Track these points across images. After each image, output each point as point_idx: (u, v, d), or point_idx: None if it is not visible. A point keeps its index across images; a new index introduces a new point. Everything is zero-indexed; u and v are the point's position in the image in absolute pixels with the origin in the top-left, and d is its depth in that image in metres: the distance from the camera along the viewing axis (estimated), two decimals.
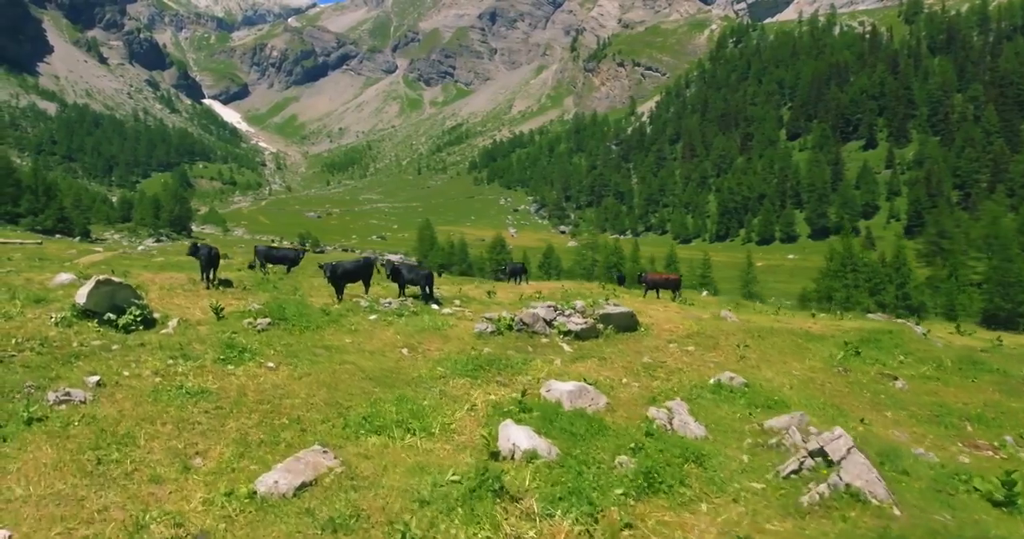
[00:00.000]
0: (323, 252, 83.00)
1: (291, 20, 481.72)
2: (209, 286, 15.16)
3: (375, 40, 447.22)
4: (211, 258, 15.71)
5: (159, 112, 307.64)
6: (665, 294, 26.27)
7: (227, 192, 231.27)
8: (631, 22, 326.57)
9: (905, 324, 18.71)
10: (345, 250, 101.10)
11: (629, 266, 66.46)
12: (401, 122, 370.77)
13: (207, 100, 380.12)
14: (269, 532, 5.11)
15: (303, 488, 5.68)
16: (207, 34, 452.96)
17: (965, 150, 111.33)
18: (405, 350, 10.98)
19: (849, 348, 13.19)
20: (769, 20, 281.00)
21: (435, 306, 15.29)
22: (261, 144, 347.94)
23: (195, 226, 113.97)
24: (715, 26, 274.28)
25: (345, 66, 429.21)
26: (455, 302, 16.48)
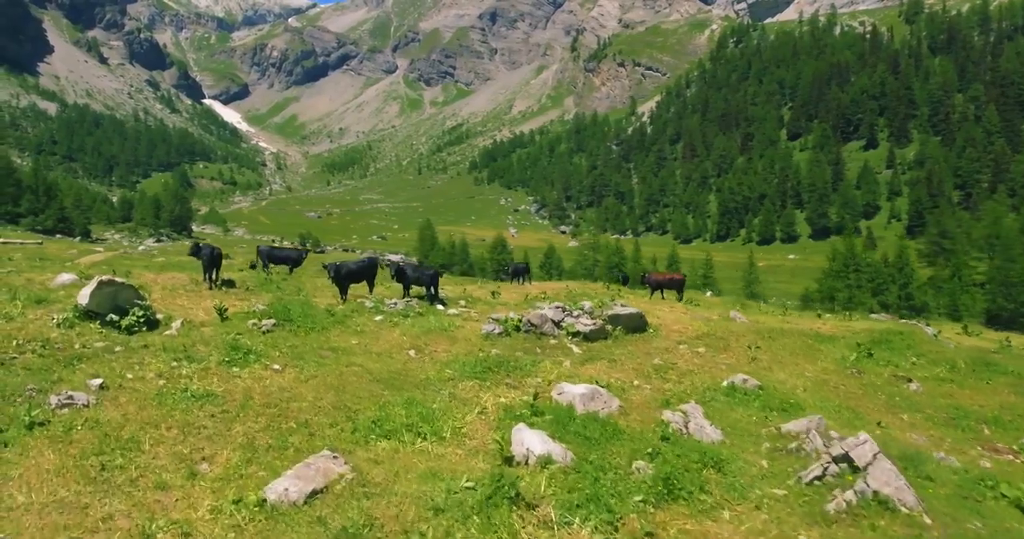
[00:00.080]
0: (323, 252, 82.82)
1: (291, 20, 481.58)
2: (212, 287, 15.00)
3: (375, 40, 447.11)
4: (213, 258, 15.53)
5: (159, 112, 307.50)
6: (669, 294, 26.11)
7: (227, 192, 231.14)
8: (631, 22, 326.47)
9: (915, 325, 18.55)
10: (346, 250, 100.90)
11: (631, 266, 66.32)
12: (401, 122, 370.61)
13: (207, 100, 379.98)
14: None
15: (314, 496, 5.51)
16: (207, 34, 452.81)
17: (966, 150, 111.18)
18: (412, 352, 10.81)
19: (861, 349, 13.03)
20: (769, 20, 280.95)
21: (440, 307, 15.12)
22: (261, 144, 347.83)
23: (195, 226, 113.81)
24: (715, 26, 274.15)
25: (345, 66, 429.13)
26: (460, 303, 16.32)
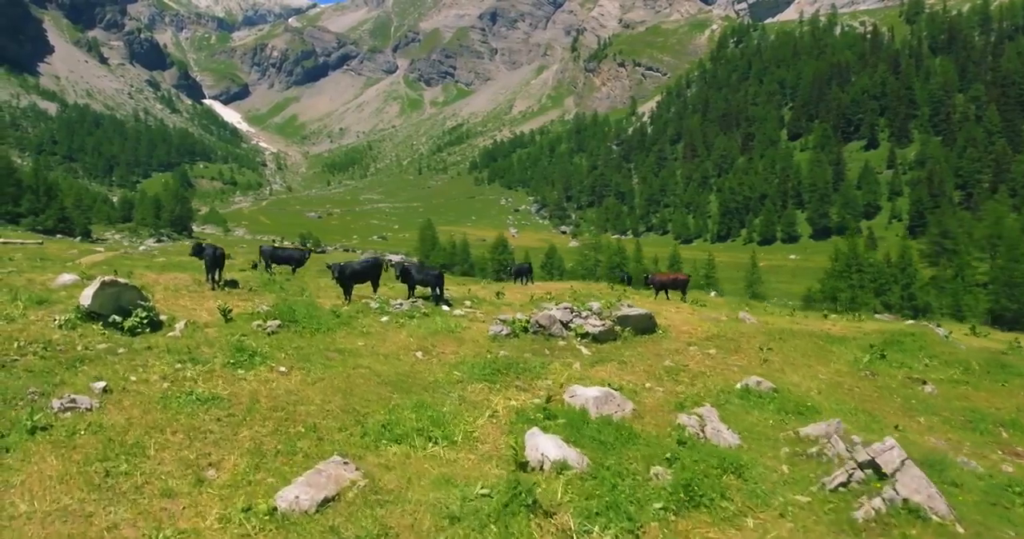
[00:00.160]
0: (324, 252, 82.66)
1: (291, 20, 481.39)
2: (215, 287, 14.84)
3: (375, 40, 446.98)
4: (216, 258, 15.37)
5: (160, 112, 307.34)
6: (673, 295, 25.90)
7: (228, 192, 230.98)
8: (632, 22, 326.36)
9: (927, 326, 18.39)
10: (346, 250, 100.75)
11: (632, 266, 66.12)
12: (402, 122, 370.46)
13: (208, 100, 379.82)
14: None
15: (326, 504, 5.34)
16: (207, 34, 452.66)
17: (967, 150, 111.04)
18: (420, 353, 10.65)
19: (874, 351, 12.86)
20: (770, 20, 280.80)
21: (446, 307, 14.96)
22: (261, 144, 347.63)
23: (196, 226, 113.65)
24: (716, 26, 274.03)
25: (345, 66, 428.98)
26: (465, 303, 16.15)
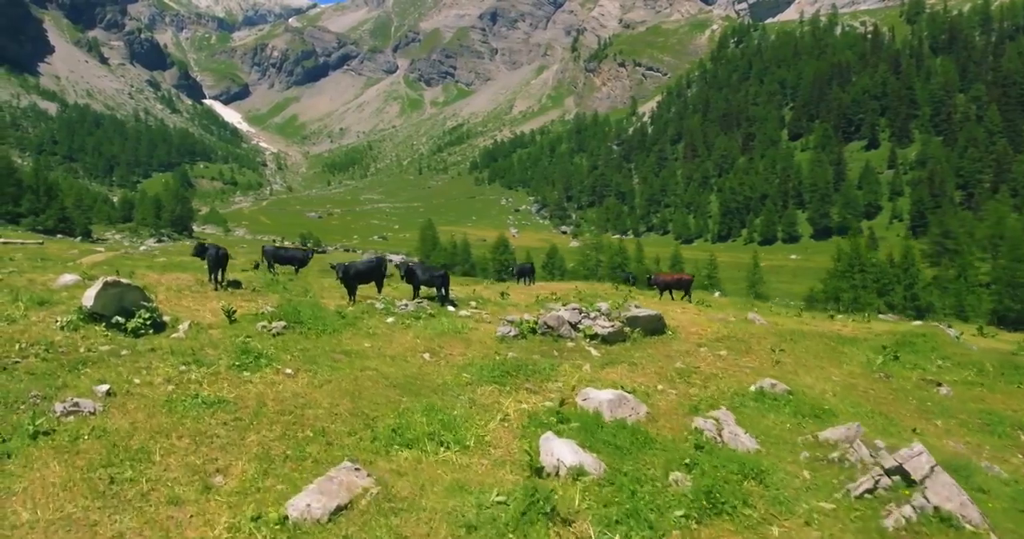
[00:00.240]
0: (324, 252, 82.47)
1: (292, 20, 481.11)
2: (217, 287, 14.68)
3: (376, 40, 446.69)
4: (219, 259, 15.21)
5: (160, 112, 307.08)
6: (676, 295, 25.70)
7: (228, 192, 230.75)
8: (632, 22, 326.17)
9: (938, 327, 18.23)
10: (347, 250, 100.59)
11: (634, 266, 65.92)
12: (402, 122, 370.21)
13: (208, 100, 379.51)
14: None
15: (338, 512, 5.17)
16: (208, 34, 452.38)
17: (968, 150, 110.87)
18: (427, 355, 10.49)
19: (887, 352, 12.69)
20: (770, 20, 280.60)
21: (451, 308, 14.80)
22: (262, 144, 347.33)
23: (196, 226, 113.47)
24: (716, 26, 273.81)
25: (346, 66, 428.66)
26: (471, 304, 15.98)
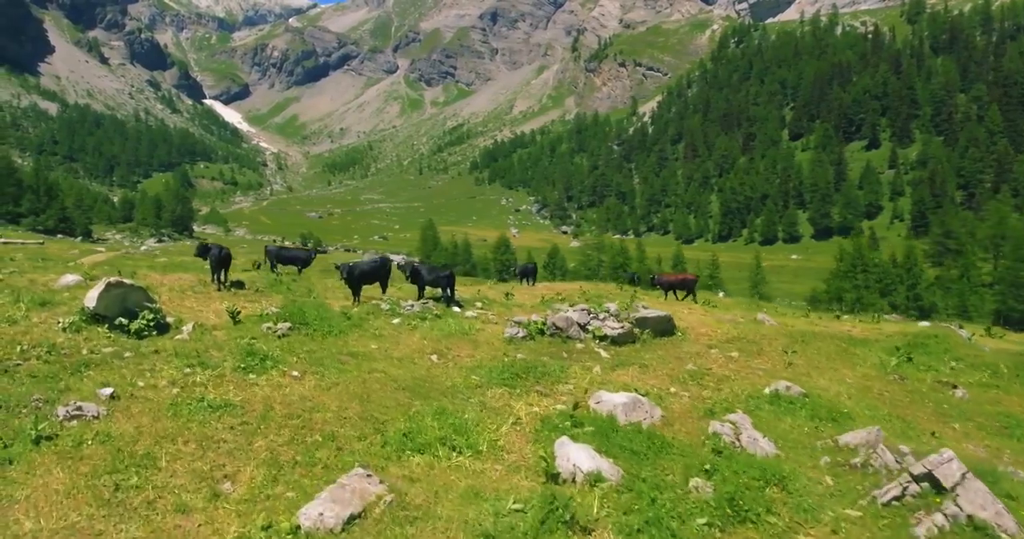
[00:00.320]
0: (324, 252, 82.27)
1: (292, 20, 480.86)
2: (220, 288, 14.52)
3: (376, 40, 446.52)
4: (222, 259, 15.06)
5: (160, 112, 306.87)
6: (679, 295, 25.51)
7: (228, 192, 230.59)
8: (632, 22, 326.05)
9: (949, 327, 18.07)
10: (348, 250, 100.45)
11: (635, 266, 65.71)
12: (402, 122, 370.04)
13: (208, 100, 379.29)
14: None
15: (352, 521, 5.00)
16: (208, 34, 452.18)
17: (969, 150, 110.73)
18: (435, 356, 10.33)
19: (901, 354, 12.53)
20: (771, 20, 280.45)
21: (457, 309, 14.63)
22: (262, 144, 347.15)
23: (196, 226, 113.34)
24: (716, 26, 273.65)
25: (346, 66, 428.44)
26: (476, 304, 15.82)
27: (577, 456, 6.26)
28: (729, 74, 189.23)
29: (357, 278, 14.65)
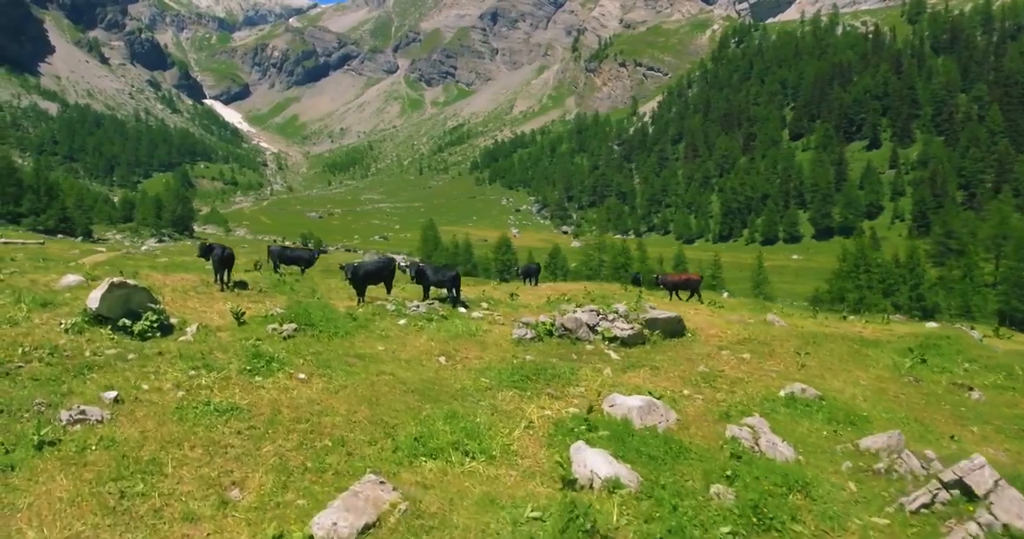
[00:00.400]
0: (325, 252, 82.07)
1: (292, 20, 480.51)
2: (224, 288, 14.38)
3: (376, 40, 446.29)
4: (224, 259, 14.92)
5: (160, 112, 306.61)
6: (682, 295, 25.33)
7: (228, 192, 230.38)
8: (633, 22, 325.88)
9: (961, 328, 17.92)
10: (348, 250, 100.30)
11: (637, 266, 65.54)
12: (402, 122, 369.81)
13: (208, 100, 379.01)
14: None
15: (366, 531, 4.83)
16: (208, 34, 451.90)
17: (970, 150, 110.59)
18: (443, 358, 10.16)
19: (915, 355, 12.37)
20: (771, 20, 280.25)
21: (463, 310, 14.47)
22: (262, 144, 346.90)
23: (197, 226, 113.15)
24: (717, 26, 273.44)
25: (346, 66, 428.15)
26: (482, 305, 15.65)
27: (594, 461, 6.10)
28: (729, 74, 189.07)
29: (362, 278, 14.49)
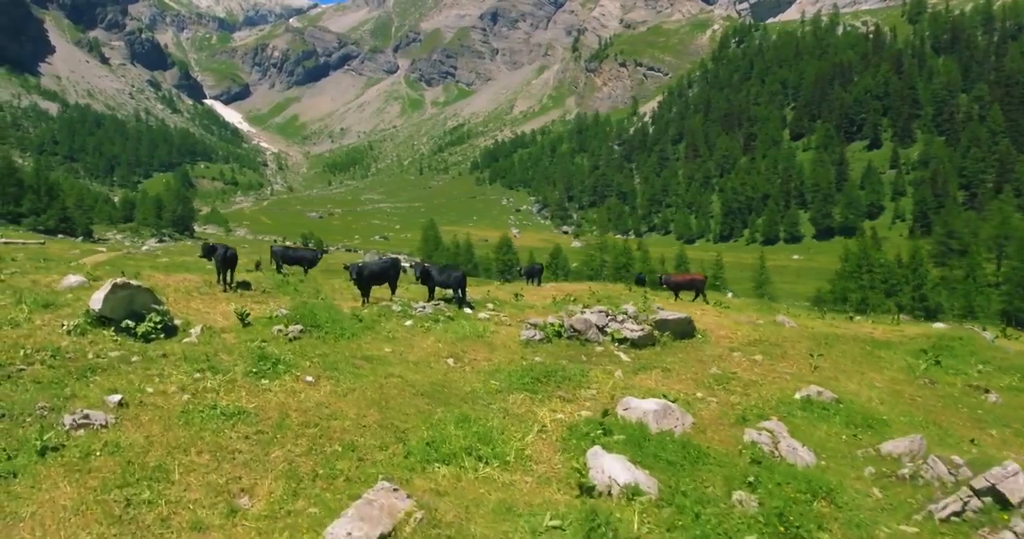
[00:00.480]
0: (327, 252, 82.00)
1: (292, 20, 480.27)
2: (227, 289, 14.21)
3: (376, 40, 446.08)
4: (227, 259, 14.75)
5: (161, 112, 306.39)
6: (686, 296, 25.14)
7: (229, 192, 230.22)
8: (633, 22, 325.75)
9: (973, 329, 17.76)
10: (349, 250, 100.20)
11: (639, 266, 65.42)
12: (403, 122, 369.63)
13: (208, 100, 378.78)
14: None
15: None
16: (208, 34, 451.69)
17: (970, 150, 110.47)
18: (451, 360, 10.00)
19: (928, 357, 12.21)
20: (771, 20, 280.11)
21: (468, 310, 14.32)
22: (262, 144, 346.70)
23: (197, 226, 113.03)
24: (717, 26, 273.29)
25: (346, 66, 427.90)
26: (488, 306, 15.50)
27: (612, 467, 5.94)
28: (730, 74, 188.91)
29: (367, 279, 14.34)
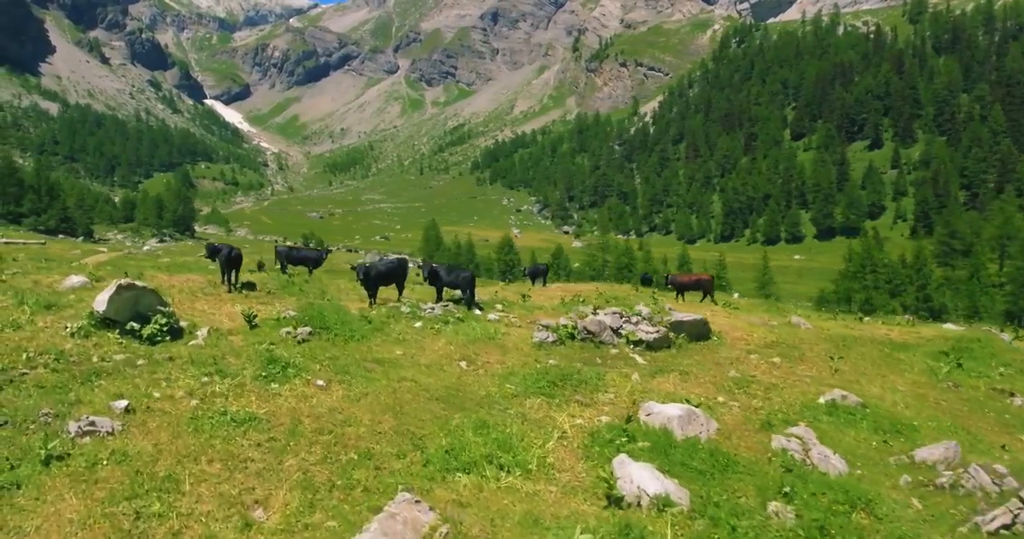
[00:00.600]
0: (331, 252, 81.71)
1: (293, 20, 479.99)
2: (231, 289, 13.96)
3: (377, 40, 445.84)
4: (232, 259, 14.50)
5: (161, 112, 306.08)
6: (692, 297, 24.84)
7: (229, 192, 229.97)
8: (633, 22, 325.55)
9: (991, 331, 17.52)
10: (349, 250, 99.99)
11: (641, 267, 65.22)
12: (403, 122, 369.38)
13: (209, 100, 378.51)
14: None
15: None
16: (209, 34, 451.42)
17: (972, 150, 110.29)
18: (464, 363, 9.76)
19: (950, 359, 11.97)
20: (772, 20, 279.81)
21: (478, 311, 14.07)
22: (263, 144, 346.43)
23: (198, 226, 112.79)
24: (718, 26, 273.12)
25: (347, 66, 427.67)
26: (496, 306, 15.24)
27: (640, 477, 5.70)
28: (731, 74, 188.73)
29: (374, 279, 14.10)
